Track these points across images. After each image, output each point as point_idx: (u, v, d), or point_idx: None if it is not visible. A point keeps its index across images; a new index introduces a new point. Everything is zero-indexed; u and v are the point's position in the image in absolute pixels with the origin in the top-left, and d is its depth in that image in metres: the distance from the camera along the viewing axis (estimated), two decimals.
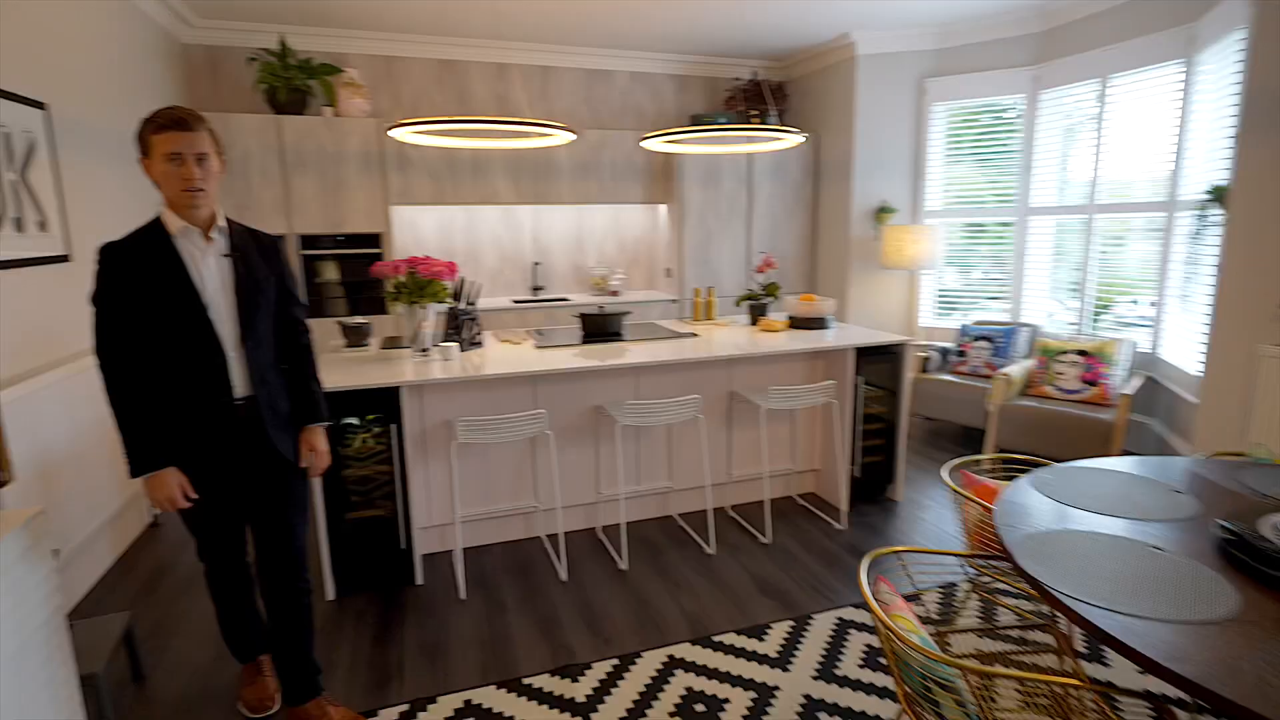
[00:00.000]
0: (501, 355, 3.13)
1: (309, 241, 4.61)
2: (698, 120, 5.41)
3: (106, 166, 3.31)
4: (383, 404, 2.69)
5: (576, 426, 3.16)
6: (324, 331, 4.27)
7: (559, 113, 5.47)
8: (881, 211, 5.23)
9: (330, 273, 4.71)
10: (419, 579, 2.82)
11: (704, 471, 3.15)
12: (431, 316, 3.11)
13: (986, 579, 2.26)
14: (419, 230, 5.26)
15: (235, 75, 4.70)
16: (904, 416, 3.51)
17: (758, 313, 3.86)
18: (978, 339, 4.59)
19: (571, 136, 3.22)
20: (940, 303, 5.39)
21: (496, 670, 2.26)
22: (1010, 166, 4.84)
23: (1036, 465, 2.25)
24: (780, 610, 2.60)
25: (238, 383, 1.81)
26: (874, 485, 3.59)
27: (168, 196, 1.71)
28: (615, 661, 2.30)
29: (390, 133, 3.03)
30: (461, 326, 3.24)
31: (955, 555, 1.72)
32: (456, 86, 5.19)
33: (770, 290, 3.89)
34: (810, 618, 2.53)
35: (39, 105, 2.76)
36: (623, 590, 2.75)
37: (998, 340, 4.51)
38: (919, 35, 4.96)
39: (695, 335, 3.57)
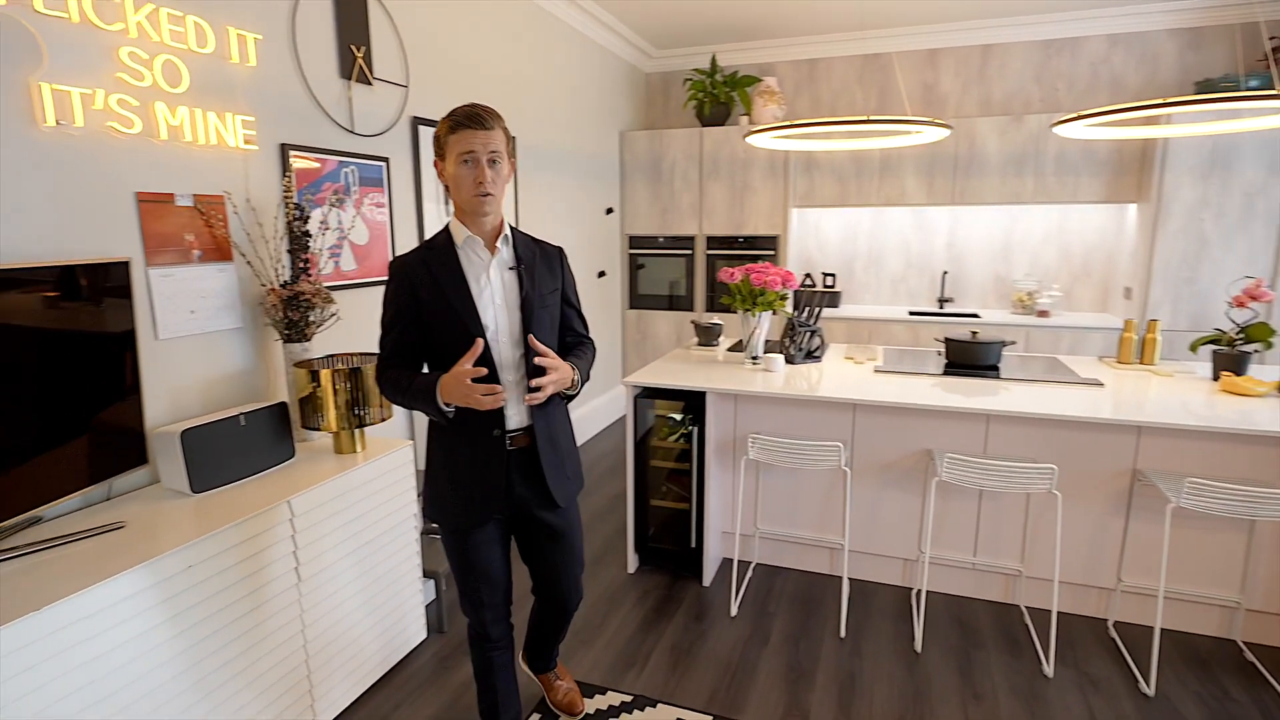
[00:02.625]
0: (829, 374, 2.91)
1: (713, 242, 5.03)
2: (1206, 88, 3.94)
3: (553, 179, 4.20)
4: (695, 405, 2.79)
5: (900, 468, 2.73)
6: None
7: (998, 97, 4.66)
8: None
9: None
10: (706, 580, 2.87)
11: (1053, 564, 2.35)
12: (765, 324, 3.08)
13: None
14: (821, 233, 5.20)
15: (680, 95, 5.37)
16: None
17: (1226, 365, 2.65)
18: None
19: (944, 133, 2.73)
20: None
21: (721, 703, 2.17)
22: None
23: None
24: None
25: (513, 411, 1.65)
26: None
27: (458, 202, 1.60)
28: None
29: (747, 139, 3.07)
30: (797, 338, 3.11)
31: None
32: (879, 81, 4.89)
33: (1256, 334, 2.62)
34: None
35: (510, 140, 3.66)
36: (904, 674, 2.30)
37: None
38: None
39: (1099, 384, 2.68)
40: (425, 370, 1.68)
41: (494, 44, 3.48)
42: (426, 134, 3.02)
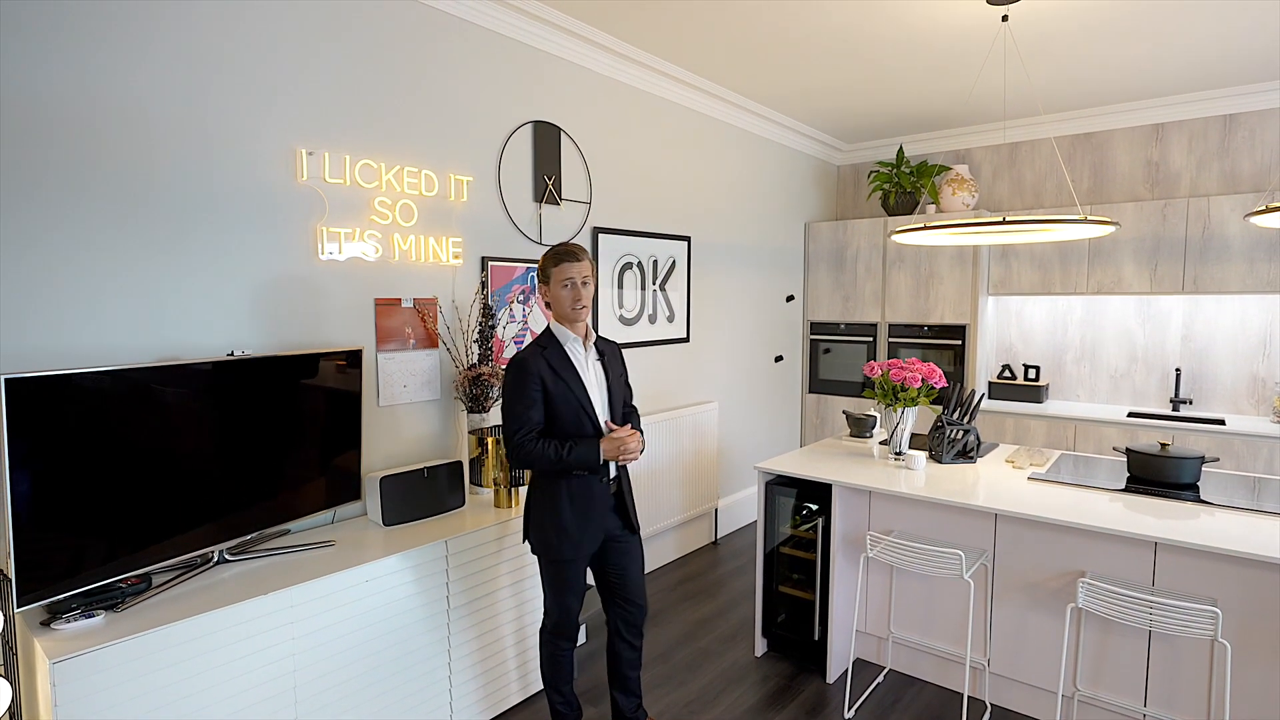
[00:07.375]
0: (976, 477, 2.77)
1: (896, 330, 4.93)
2: None
3: (723, 273, 4.53)
4: (825, 497, 2.85)
5: (1048, 588, 2.49)
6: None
7: (1245, 172, 4.04)
8: None
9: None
10: (830, 676, 2.83)
11: None
12: (909, 421, 3.03)
13: None
14: (1024, 321, 4.82)
15: (868, 186, 5.45)
16: None
17: None
18: None
19: (1106, 230, 2.55)
20: None
21: None
22: None
23: None
24: None
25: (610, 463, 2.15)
26: None
27: (559, 314, 2.15)
28: None
29: (893, 237, 3.11)
30: (947, 435, 3.01)
31: None
32: (1091, 160, 4.53)
33: None
34: None
35: (685, 239, 4.11)
36: None
37: None
38: None
39: None
40: None
41: (674, 159, 3.98)
42: (606, 240, 3.56)
